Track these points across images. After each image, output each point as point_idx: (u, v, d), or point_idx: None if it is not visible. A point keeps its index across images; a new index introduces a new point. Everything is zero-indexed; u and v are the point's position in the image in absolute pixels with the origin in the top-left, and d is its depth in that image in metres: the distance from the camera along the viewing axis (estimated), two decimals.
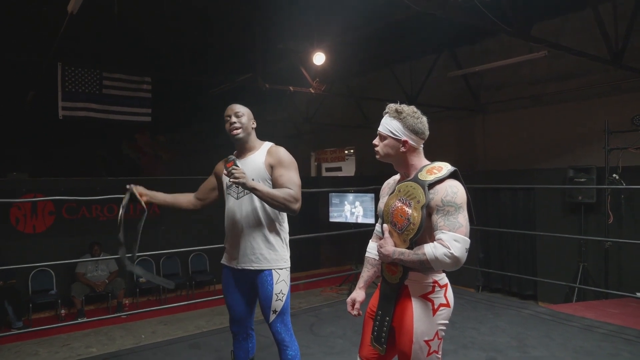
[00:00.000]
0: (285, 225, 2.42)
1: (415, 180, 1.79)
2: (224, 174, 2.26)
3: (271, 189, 2.23)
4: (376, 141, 1.90)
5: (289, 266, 2.40)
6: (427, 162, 1.87)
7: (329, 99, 10.10)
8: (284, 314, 2.34)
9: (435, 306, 1.78)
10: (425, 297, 1.78)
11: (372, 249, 2.13)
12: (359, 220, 8.35)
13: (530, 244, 7.21)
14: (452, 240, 1.66)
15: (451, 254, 1.65)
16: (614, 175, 5.88)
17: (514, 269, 7.31)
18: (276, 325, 2.33)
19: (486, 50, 7.76)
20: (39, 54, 6.28)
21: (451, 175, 1.78)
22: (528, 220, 7.22)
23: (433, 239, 1.72)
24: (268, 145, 2.41)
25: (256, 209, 2.30)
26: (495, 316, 4.26)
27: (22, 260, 5.38)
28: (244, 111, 2.38)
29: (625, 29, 5.60)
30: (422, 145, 1.89)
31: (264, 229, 2.32)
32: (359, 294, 2.09)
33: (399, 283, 1.82)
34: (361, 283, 2.13)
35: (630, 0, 5.72)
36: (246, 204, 2.32)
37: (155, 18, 6.02)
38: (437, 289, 1.79)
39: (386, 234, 1.83)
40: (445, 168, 1.79)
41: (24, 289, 6.79)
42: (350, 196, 8.54)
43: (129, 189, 2.39)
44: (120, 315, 6.19)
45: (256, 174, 2.30)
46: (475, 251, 7.45)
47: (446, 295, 1.81)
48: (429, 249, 1.68)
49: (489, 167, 7.95)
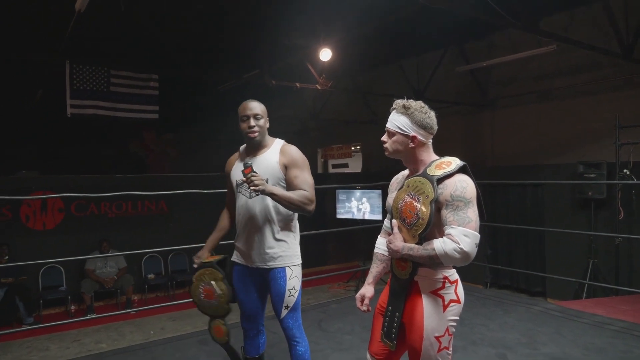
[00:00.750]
0: (296, 222, 2.43)
1: (424, 175, 1.78)
2: (242, 180, 2.22)
3: (287, 192, 2.23)
4: (384, 138, 1.89)
5: (301, 262, 2.40)
6: (436, 157, 1.86)
7: (335, 95, 10.07)
8: (295, 310, 2.34)
9: (446, 302, 1.77)
10: (435, 293, 1.77)
11: (381, 245, 2.12)
12: (366, 216, 8.33)
13: (539, 240, 7.16)
14: (462, 235, 1.65)
15: (460, 249, 1.64)
16: (625, 170, 5.82)
17: (523, 265, 7.26)
18: (287, 321, 2.33)
19: (494, 45, 7.69)
20: (47, 53, 6.31)
21: (460, 170, 1.76)
22: (537, 216, 7.17)
23: (442, 234, 1.71)
24: (279, 143, 2.39)
25: (268, 207, 2.29)
26: (504, 312, 4.24)
27: (33, 256, 5.42)
28: (262, 113, 2.34)
29: (636, 21, 5.53)
30: (431, 140, 1.87)
31: (276, 227, 2.31)
32: (368, 290, 2.08)
33: (408, 279, 1.81)
34: (370, 279, 2.12)
35: None
36: (258, 203, 2.30)
37: (162, 15, 6.02)
38: (448, 284, 1.78)
39: (395, 230, 1.82)
40: (454, 163, 1.77)
41: (34, 285, 6.86)
42: (357, 192, 8.52)
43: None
44: (129, 311, 6.23)
45: (270, 174, 2.28)
46: (483, 247, 7.42)
47: (456, 291, 1.80)
48: (438, 244, 1.67)
49: (497, 163, 7.89)
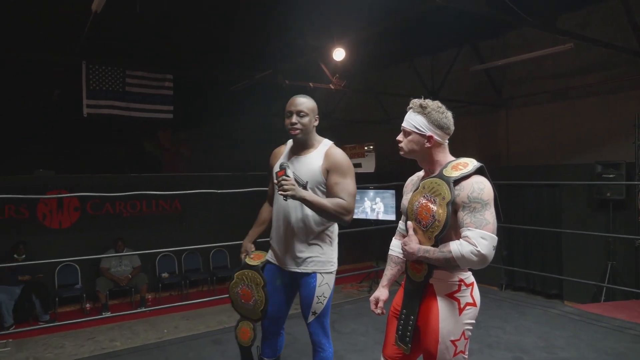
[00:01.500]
0: (334, 227, 2.33)
1: (440, 176, 1.75)
2: (274, 181, 2.15)
3: (322, 200, 2.13)
4: (400, 137, 1.87)
5: (335, 269, 2.33)
6: (453, 158, 1.83)
7: (348, 94, 10.05)
8: (323, 316, 2.29)
9: (462, 305, 1.74)
10: (451, 296, 1.74)
11: (396, 247, 2.09)
12: (380, 216, 8.29)
13: (556, 242, 7.05)
14: (479, 237, 1.62)
15: (478, 251, 1.60)
16: None
17: (539, 267, 7.16)
18: (314, 326, 2.29)
19: (509, 44, 7.59)
20: (64, 53, 6.39)
21: (477, 171, 1.73)
22: (553, 217, 7.06)
23: (459, 237, 1.68)
24: (326, 145, 2.28)
25: (304, 210, 2.21)
26: (520, 315, 4.18)
27: (49, 255, 5.50)
28: (307, 110, 2.22)
29: None
30: (447, 141, 1.85)
31: (312, 232, 2.23)
32: (382, 293, 2.06)
33: (423, 281, 1.78)
34: (384, 281, 2.09)
35: None
36: (295, 205, 2.22)
37: (177, 16, 6.06)
38: (463, 287, 1.75)
39: (410, 232, 1.80)
40: (471, 164, 1.74)
41: (50, 283, 6.96)
42: (370, 192, 8.48)
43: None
44: (144, 310, 6.29)
45: (310, 177, 2.21)
46: (499, 249, 7.29)
47: (472, 294, 1.77)
48: (455, 247, 1.64)
49: (512, 163, 7.79)
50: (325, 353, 2.31)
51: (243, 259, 2.45)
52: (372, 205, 8.42)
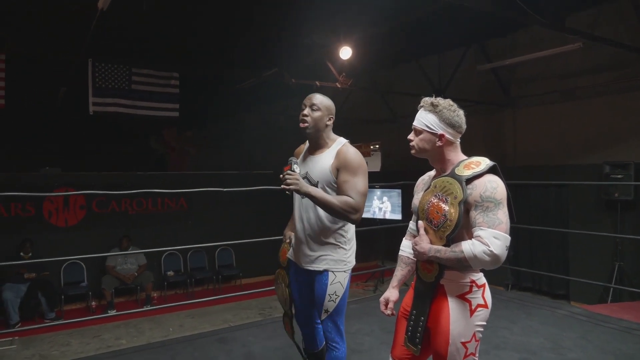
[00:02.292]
0: (350, 226, 2.30)
1: (452, 175, 1.73)
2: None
3: (328, 197, 2.10)
4: (411, 136, 1.85)
5: (350, 268, 2.31)
6: (464, 157, 1.81)
7: (354, 93, 10.02)
8: (335, 315, 2.28)
9: (473, 307, 1.71)
10: (462, 297, 1.72)
11: (406, 247, 2.07)
12: (387, 216, 8.27)
13: (563, 242, 7.00)
14: (492, 237, 1.60)
15: (490, 251, 1.58)
16: None
17: (545, 267, 7.11)
18: (327, 324, 2.30)
19: (516, 43, 7.53)
20: (70, 51, 6.39)
21: (490, 170, 1.71)
22: (560, 217, 7.01)
23: (471, 236, 1.66)
24: (340, 144, 2.25)
25: (320, 210, 2.19)
26: (527, 316, 4.15)
27: (55, 252, 5.50)
28: (321, 105, 2.22)
29: None
30: (459, 140, 1.82)
31: (327, 231, 2.22)
32: (392, 293, 2.04)
33: (434, 282, 1.76)
34: (394, 282, 2.08)
35: None
36: (312, 203, 2.19)
37: (183, 14, 6.05)
38: (475, 288, 1.73)
39: (421, 231, 1.77)
40: (483, 163, 1.72)
41: (56, 280, 6.97)
42: (377, 192, 8.46)
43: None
44: (149, 308, 6.30)
45: (321, 176, 2.20)
46: None
47: (484, 295, 1.75)
48: (467, 247, 1.62)
49: (519, 163, 7.74)
50: (338, 352, 2.31)
51: (288, 245, 2.48)
52: (379, 205, 8.41)
